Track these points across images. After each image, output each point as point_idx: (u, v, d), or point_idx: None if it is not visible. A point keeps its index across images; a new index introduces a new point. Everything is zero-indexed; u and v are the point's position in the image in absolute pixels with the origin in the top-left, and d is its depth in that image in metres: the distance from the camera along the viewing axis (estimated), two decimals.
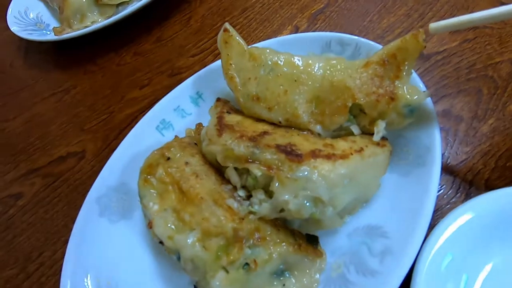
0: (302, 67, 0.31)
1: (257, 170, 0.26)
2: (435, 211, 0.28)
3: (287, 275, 0.28)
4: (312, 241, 0.29)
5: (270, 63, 0.32)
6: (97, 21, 0.54)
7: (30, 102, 0.54)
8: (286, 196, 0.26)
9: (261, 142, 0.28)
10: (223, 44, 0.34)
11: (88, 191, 0.40)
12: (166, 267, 0.32)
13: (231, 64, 0.34)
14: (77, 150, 0.46)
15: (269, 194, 0.27)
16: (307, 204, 0.26)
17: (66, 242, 0.37)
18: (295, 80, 0.31)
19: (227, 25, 0.34)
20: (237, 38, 0.34)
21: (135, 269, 0.33)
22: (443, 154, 0.32)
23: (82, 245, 0.33)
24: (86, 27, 0.53)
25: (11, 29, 0.56)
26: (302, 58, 0.32)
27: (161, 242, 0.28)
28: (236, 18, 0.52)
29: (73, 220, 0.38)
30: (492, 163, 0.33)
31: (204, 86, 0.41)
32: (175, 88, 0.41)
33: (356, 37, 0.36)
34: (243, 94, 0.33)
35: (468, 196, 0.31)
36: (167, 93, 0.41)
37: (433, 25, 0.27)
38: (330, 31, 0.45)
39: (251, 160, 0.27)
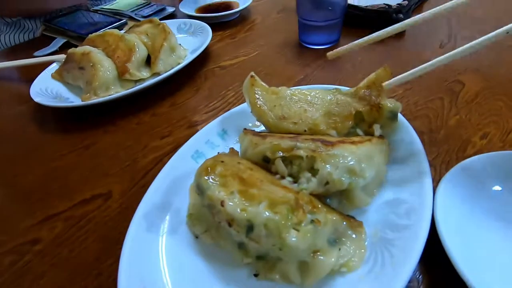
0: (312, 95, 0.43)
1: (303, 152, 0.34)
2: None
3: (341, 242, 0.32)
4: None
5: (289, 93, 0.44)
6: (118, 92, 0.64)
7: (46, 159, 0.55)
8: (329, 169, 0.33)
9: (299, 138, 0.37)
10: (249, 86, 0.46)
11: (119, 225, 0.42)
12: (221, 268, 0.34)
13: (257, 97, 0.44)
14: (103, 192, 0.48)
15: (313, 174, 0.34)
16: (345, 175, 0.34)
17: (98, 274, 0.37)
18: (310, 102, 0.42)
19: (252, 73, 0.46)
20: (260, 82, 0.46)
21: (191, 276, 0.33)
22: None
23: (134, 259, 0.34)
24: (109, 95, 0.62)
25: (35, 100, 0.62)
26: (310, 90, 0.44)
27: (229, 224, 0.31)
28: (237, 87, 0.67)
29: (105, 253, 0.39)
30: (454, 156, 0.45)
31: (228, 124, 0.50)
32: (204, 127, 0.49)
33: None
34: (271, 116, 0.43)
35: None
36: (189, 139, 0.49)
37: (386, 83, 0.40)
38: None
39: (296, 149, 0.35)
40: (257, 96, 0.44)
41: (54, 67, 0.74)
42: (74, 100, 0.66)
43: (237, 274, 0.33)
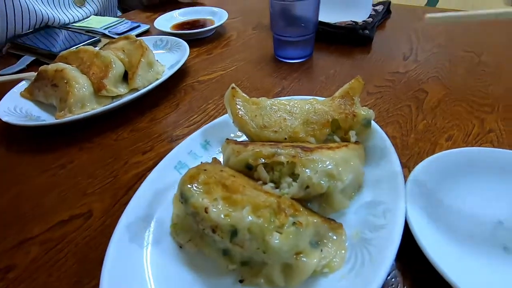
0: (291, 104, 0.45)
1: (284, 158, 0.36)
2: None
3: (322, 244, 0.33)
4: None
5: (269, 104, 0.46)
6: (95, 109, 0.63)
7: (17, 181, 0.52)
8: (309, 173, 0.35)
9: (280, 146, 0.38)
10: (231, 97, 0.47)
11: (101, 245, 0.41)
12: (207, 276, 0.34)
13: (239, 108, 0.46)
14: (82, 212, 0.46)
15: (294, 179, 0.36)
16: (324, 179, 0.35)
17: None
18: (290, 112, 0.44)
19: (233, 84, 0.48)
20: (241, 93, 0.47)
21: (176, 286, 0.33)
22: None
23: (117, 270, 0.33)
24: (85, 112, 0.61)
25: (3, 119, 0.59)
26: (289, 100, 0.46)
27: (213, 231, 0.31)
28: (216, 101, 0.68)
29: (88, 274, 0.38)
30: (425, 157, 0.48)
31: (210, 136, 0.51)
32: (188, 137, 0.49)
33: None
34: (252, 125, 0.44)
35: None
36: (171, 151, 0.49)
37: (429, 15, 0.31)
38: None
39: (277, 155, 0.36)
40: (238, 106, 0.46)
41: (22, 85, 0.71)
42: (46, 119, 0.64)
43: (223, 281, 0.33)
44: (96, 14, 1.15)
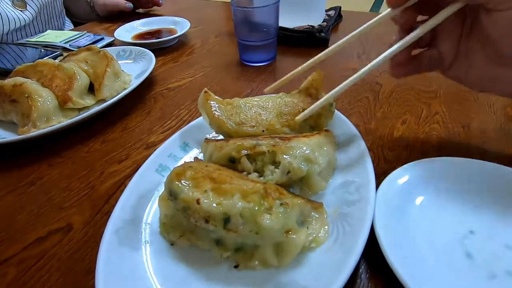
0: (263, 100, 0.48)
1: (265, 147, 0.38)
2: None
3: (307, 222, 0.36)
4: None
5: (243, 102, 0.48)
6: (61, 122, 0.61)
7: None
8: (289, 158, 0.38)
9: (259, 138, 0.41)
10: (204, 101, 0.49)
11: (87, 256, 0.40)
12: (202, 268, 0.35)
13: (214, 109, 0.48)
14: (61, 226, 0.44)
15: (276, 166, 0.38)
16: (303, 163, 0.38)
17: None
18: (263, 107, 0.47)
19: (206, 89, 0.50)
20: (214, 95, 0.50)
21: (174, 280, 0.34)
22: None
23: (110, 273, 0.33)
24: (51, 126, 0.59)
25: None
26: (260, 97, 0.50)
27: (206, 221, 0.33)
28: (189, 106, 0.69)
29: (76, 286, 0.37)
30: (385, 140, 0.54)
31: (188, 138, 0.52)
32: (166, 140, 0.50)
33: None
34: (230, 124, 0.46)
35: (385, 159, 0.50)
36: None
37: (298, 117, 0.45)
38: None
39: (258, 146, 0.39)
40: (213, 108, 0.48)
41: None
42: (6, 136, 0.60)
43: (219, 269, 0.35)
44: (40, 22, 1.10)
